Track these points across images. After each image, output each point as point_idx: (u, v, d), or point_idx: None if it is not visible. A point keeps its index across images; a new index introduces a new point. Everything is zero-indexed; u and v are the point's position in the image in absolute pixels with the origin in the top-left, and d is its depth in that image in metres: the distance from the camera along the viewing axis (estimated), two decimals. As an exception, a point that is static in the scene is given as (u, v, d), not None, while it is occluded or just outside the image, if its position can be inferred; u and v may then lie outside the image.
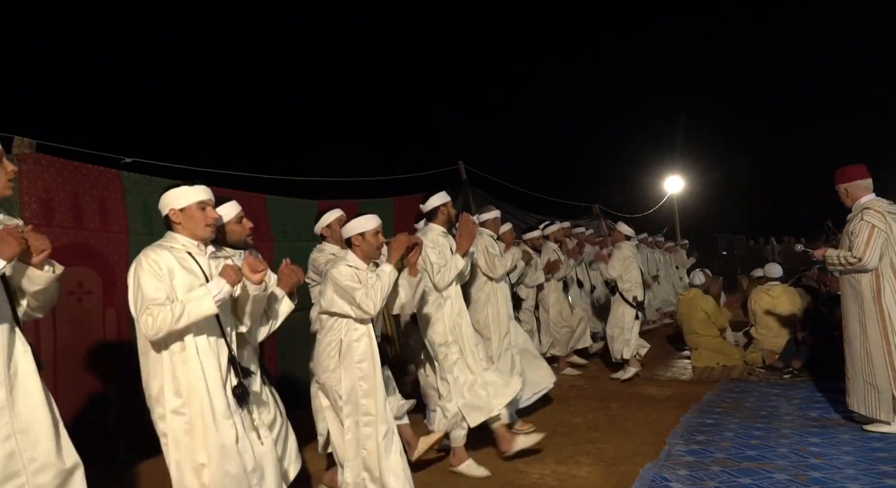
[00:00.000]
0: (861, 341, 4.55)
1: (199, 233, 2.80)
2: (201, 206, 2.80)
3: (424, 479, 4.09)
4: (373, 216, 3.64)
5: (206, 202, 2.82)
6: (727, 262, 19.79)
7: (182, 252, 2.75)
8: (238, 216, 3.21)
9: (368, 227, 3.58)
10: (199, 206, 2.79)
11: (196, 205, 2.79)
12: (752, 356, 7.39)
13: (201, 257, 2.79)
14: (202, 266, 2.76)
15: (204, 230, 2.80)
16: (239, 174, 6.32)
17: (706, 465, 4.01)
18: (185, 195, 2.79)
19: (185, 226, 2.79)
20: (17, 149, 4.03)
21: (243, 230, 3.22)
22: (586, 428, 5.09)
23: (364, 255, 3.59)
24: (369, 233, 3.58)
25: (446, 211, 4.53)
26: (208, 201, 2.83)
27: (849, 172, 4.71)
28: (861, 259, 4.42)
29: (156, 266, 2.66)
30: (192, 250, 2.78)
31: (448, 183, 9.07)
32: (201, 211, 2.79)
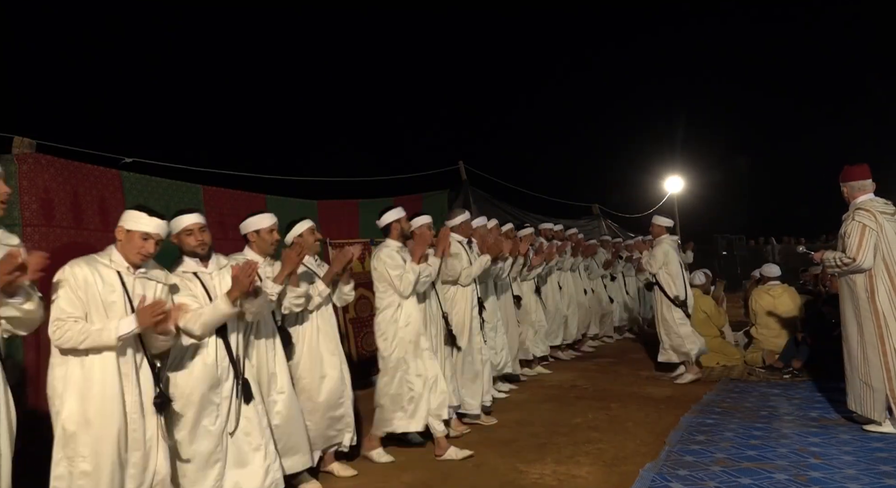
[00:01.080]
0: (857, 341, 4.55)
1: (131, 257, 3.03)
2: (144, 237, 3.02)
3: (425, 479, 4.09)
4: (269, 214, 3.92)
5: (153, 235, 3.04)
6: (727, 262, 19.79)
7: (111, 269, 2.99)
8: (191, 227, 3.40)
9: (263, 225, 3.86)
10: (142, 236, 3.02)
11: (141, 234, 3.02)
12: (752, 356, 7.39)
13: (128, 277, 3.02)
14: (126, 285, 2.99)
15: (135, 257, 3.03)
16: (239, 174, 6.32)
17: (706, 465, 4.01)
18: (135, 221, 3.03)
19: (123, 246, 3.04)
20: (17, 149, 4.03)
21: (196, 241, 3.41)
22: (586, 428, 5.09)
23: (260, 251, 3.87)
24: (264, 231, 3.86)
25: (399, 227, 4.71)
26: (155, 235, 3.04)
27: (849, 172, 4.71)
28: (855, 259, 4.42)
29: (73, 279, 2.87)
30: (121, 269, 3.01)
31: (448, 183, 9.08)
32: (142, 240, 3.02)
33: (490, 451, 4.57)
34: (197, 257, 3.41)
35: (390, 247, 4.63)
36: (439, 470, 4.23)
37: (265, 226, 3.87)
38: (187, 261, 3.41)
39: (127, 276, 3.01)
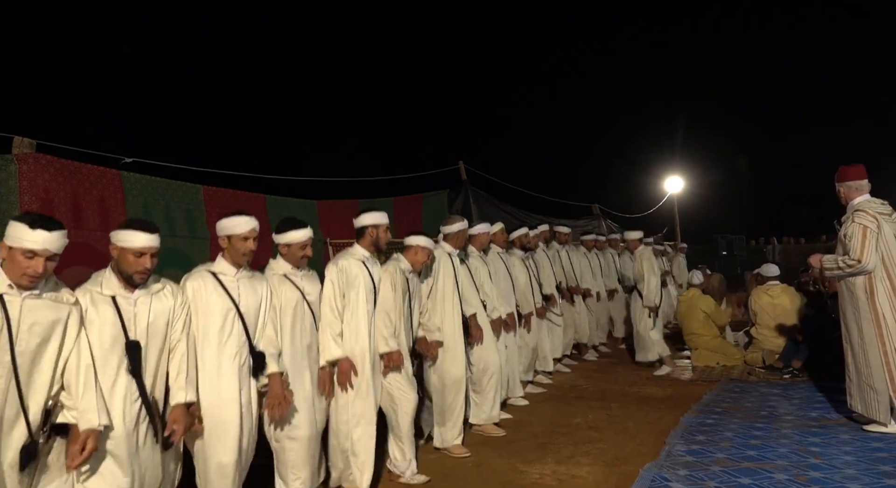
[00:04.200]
0: (858, 342, 4.55)
1: (14, 278, 2.53)
2: (28, 255, 2.51)
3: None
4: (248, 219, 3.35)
5: (40, 252, 2.53)
6: (727, 262, 19.79)
7: None
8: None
9: (238, 231, 3.30)
10: (25, 254, 2.51)
11: (24, 251, 2.51)
12: (752, 356, 7.39)
13: (13, 298, 2.52)
14: (6, 307, 2.50)
15: (20, 278, 2.53)
16: (239, 174, 6.32)
17: (706, 465, 4.01)
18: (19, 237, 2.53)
19: (6, 265, 2.55)
20: (17, 149, 4.04)
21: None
22: (586, 428, 5.09)
23: (232, 260, 3.34)
24: (236, 238, 3.30)
25: (375, 233, 4.06)
26: (42, 252, 2.53)
27: (845, 173, 4.71)
28: (860, 260, 4.42)
29: None
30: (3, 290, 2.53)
31: (448, 183, 9.08)
32: (27, 259, 2.52)
33: (490, 451, 4.57)
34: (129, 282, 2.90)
35: (354, 257, 4.00)
36: (439, 470, 4.22)
37: (239, 232, 3.29)
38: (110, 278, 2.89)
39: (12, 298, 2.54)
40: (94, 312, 2.77)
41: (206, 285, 3.22)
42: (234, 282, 3.29)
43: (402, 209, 7.69)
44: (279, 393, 3.32)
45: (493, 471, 4.16)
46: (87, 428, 2.59)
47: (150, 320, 2.90)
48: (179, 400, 2.95)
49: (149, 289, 2.94)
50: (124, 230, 2.86)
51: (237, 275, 3.31)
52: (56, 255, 2.60)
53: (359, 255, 4.02)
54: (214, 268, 3.31)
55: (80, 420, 2.61)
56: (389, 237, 4.18)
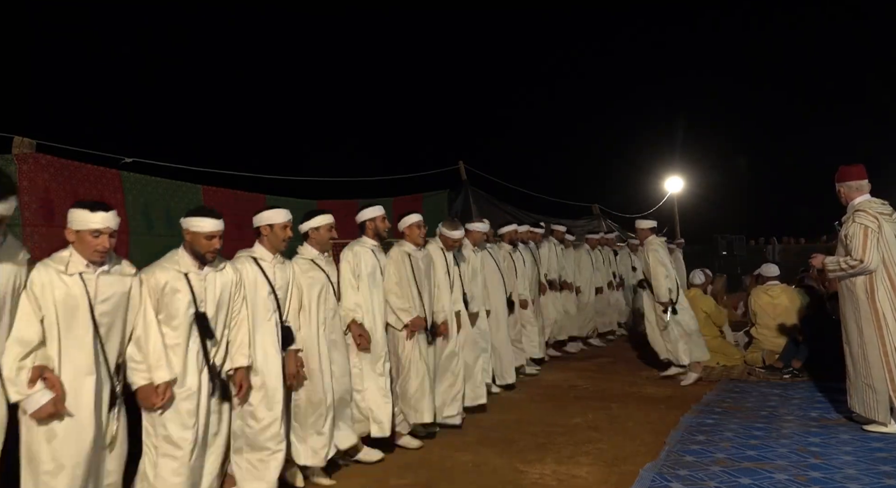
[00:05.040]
0: (858, 342, 4.55)
1: (87, 256, 2.94)
2: (95, 234, 2.91)
3: (425, 479, 4.09)
4: (285, 211, 3.90)
5: (103, 230, 2.93)
6: (727, 262, 19.78)
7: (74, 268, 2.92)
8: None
9: (278, 220, 3.84)
10: (92, 234, 2.91)
11: (90, 232, 2.91)
12: (752, 356, 7.39)
13: (90, 276, 2.94)
14: (86, 284, 2.92)
15: (92, 255, 2.93)
16: (239, 174, 6.33)
17: (706, 465, 4.01)
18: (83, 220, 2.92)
19: (77, 247, 2.95)
20: (17, 149, 4.04)
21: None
22: (586, 428, 5.09)
23: (270, 246, 3.85)
24: (278, 226, 3.84)
25: (373, 226, 4.66)
26: (105, 229, 2.94)
27: (845, 173, 4.71)
28: (862, 260, 4.42)
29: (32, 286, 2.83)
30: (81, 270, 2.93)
31: (448, 183, 9.09)
32: (94, 238, 2.92)
33: (490, 451, 4.57)
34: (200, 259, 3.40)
35: (364, 244, 4.62)
36: (439, 471, 4.22)
37: (279, 221, 3.84)
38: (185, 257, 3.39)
39: (88, 275, 2.96)
40: (172, 285, 3.25)
41: (249, 268, 3.71)
42: (271, 266, 3.79)
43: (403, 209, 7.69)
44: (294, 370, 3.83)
45: (493, 471, 4.16)
46: (162, 381, 3.12)
47: (216, 294, 3.41)
48: (242, 363, 3.50)
49: (215, 267, 3.44)
50: (195, 217, 3.37)
51: (273, 261, 3.82)
52: (115, 232, 2.99)
53: (368, 244, 4.62)
54: (255, 254, 3.80)
55: (153, 375, 3.11)
56: (388, 225, 4.74)
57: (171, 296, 3.24)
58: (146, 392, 3.11)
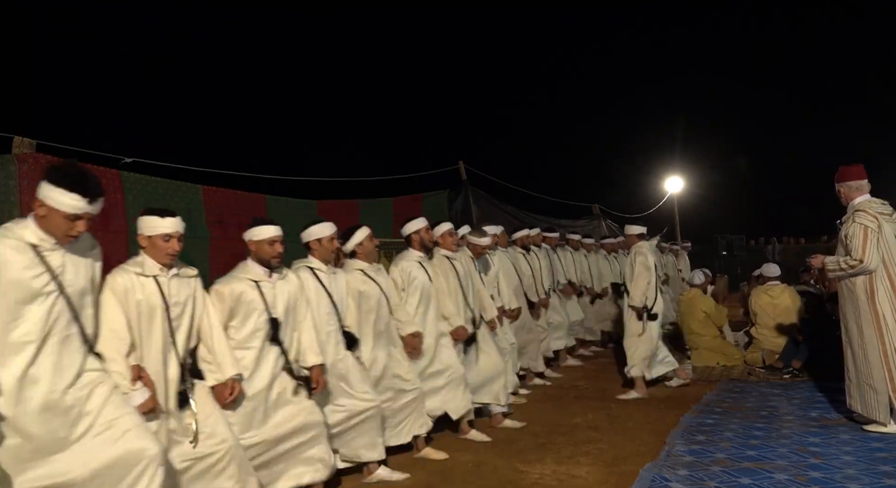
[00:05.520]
0: (858, 343, 4.55)
1: (160, 260, 3.12)
2: (165, 238, 3.09)
3: (425, 479, 4.09)
4: (329, 224, 4.15)
5: (173, 234, 3.12)
6: (727, 262, 19.78)
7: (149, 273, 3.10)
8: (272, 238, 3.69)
9: (325, 234, 4.08)
10: (163, 238, 3.09)
11: (161, 237, 3.09)
12: (752, 356, 7.39)
13: (163, 278, 3.12)
14: (161, 286, 3.10)
15: (164, 258, 3.11)
16: (239, 174, 6.32)
17: (706, 465, 4.01)
18: (153, 226, 3.10)
19: (149, 252, 3.12)
20: (17, 149, 4.03)
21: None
22: (586, 428, 5.09)
23: (321, 258, 4.09)
24: (325, 239, 4.07)
25: (419, 238, 4.89)
26: (174, 233, 3.12)
27: (845, 173, 4.71)
28: (862, 260, 4.42)
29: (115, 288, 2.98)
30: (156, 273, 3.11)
31: (448, 183, 9.08)
32: (164, 242, 3.10)
33: (490, 451, 4.57)
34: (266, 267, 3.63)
35: (408, 259, 4.83)
36: (439, 471, 4.23)
37: (326, 234, 4.08)
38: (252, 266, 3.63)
39: (162, 278, 3.12)
40: (246, 294, 3.49)
41: (309, 276, 3.97)
42: (327, 275, 4.06)
43: (402, 209, 7.68)
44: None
45: (493, 471, 4.16)
46: (229, 376, 3.26)
47: (285, 299, 3.64)
48: (316, 361, 3.69)
49: (281, 275, 3.70)
50: (256, 227, 3.63)
51: (328, 270, 4.09)
52: (182, 236, 3.16)
53: (415, 257, 4.85)
54: (311, 264, 4.06)
55: (221, 371, 3.26)
56: (432, 235, 5.01)
57: (246, 304, 3.49)
58: (219, 390, 3.26)
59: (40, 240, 2.62)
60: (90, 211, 2.68)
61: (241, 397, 3.37)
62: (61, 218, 2.62)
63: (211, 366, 3.27)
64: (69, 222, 2.63)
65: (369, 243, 4.43)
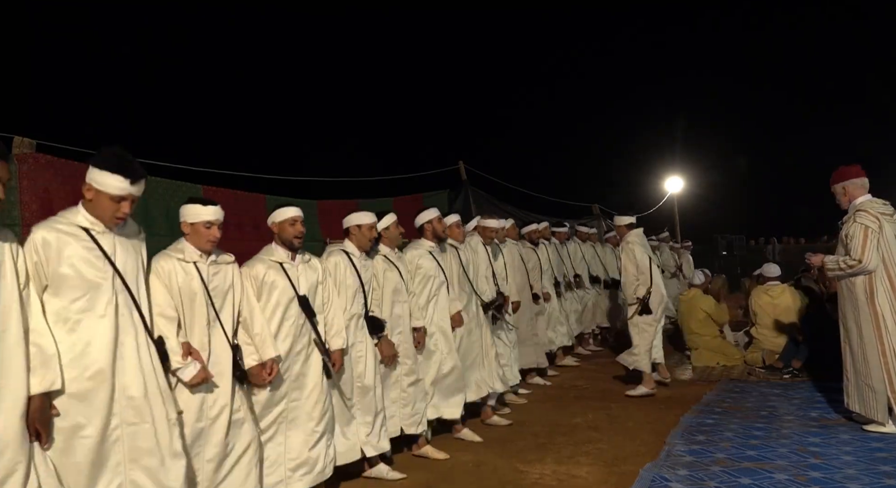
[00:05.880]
0: (857, 343, 4.55)
1: (201, 246, 3.25)
2: (207, 225, 3.23)
3: (425, 479, 4.09)
4: (370, 213, 4.32)
5: (214, 221, 3.26)
6: (727, 262, 19.78)
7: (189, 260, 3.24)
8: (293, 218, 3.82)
9: (364, 222, 4.26)
10: (205, 225, 3.23)
11: (203, 223, 3.23)
12: (752, 356, 7.39)
13: (202, 264, 3.25)
14: (201, 271, 3.23)
15: (205, 244, 3.25)
16: (239, 174, 6.32)
17: (706, 465, 4.01)
18: (196, 213, 3.25)
19: (191, 238, 3.27)
20: (17, 149, 4.03)
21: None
22: (586, 428, 5.09)
23: (358, 244, 4.26)
24: (365, 227, 4.25)
25: (431, 227, 4.98)
26: (215, 221, 3.27)
27: (846, 172, 4.71)
28: (861, 261, 4.41)
29: (160, 272, 3.11)
30: (196, 259, 3.25)
31: (448, 183, 9.08)
32: (206, 229, 3.24)
33: (490, 451, 4.57)
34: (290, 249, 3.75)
35: (422, 247, 4.92)
36: (439, 471, 4.23)
37: (367, 222, 4.26)
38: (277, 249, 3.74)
39: (201, 264, 3.24)
40: (270, 275, 3.61)
41: (342, 261, 4.12)
42: (360, 260, 4.23)
43: (402, 209, 7.68)
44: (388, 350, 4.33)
45: (493, 471, 4.16)
46: (269, 357, 3.40)
47: (308, 281, 3.76)
48: (339, 345, 3.86)
49: (304, 257, 3.81)
50: (277, 210, 3.79)
51: (361, 256, 4.25)
52: (222, 223, 3.30)
53: (426, 246, 4.93)
54: (346, 248, 4.22)
55: (261, 352, 3.39)
56: (446, 225, 5.10)
57: (270, 285, 3.60)
58: (257, 371, 3.37)
59: (91, 223, 2.76)
60: (133, 192, 2.81)
61: (278, 379, 3.51)
62: (108, 199, 2.75)
63: (249, 349, 3.38)
64: (115, 203, 2.76)
65: (395, 230, 4.56)
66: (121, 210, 2.79)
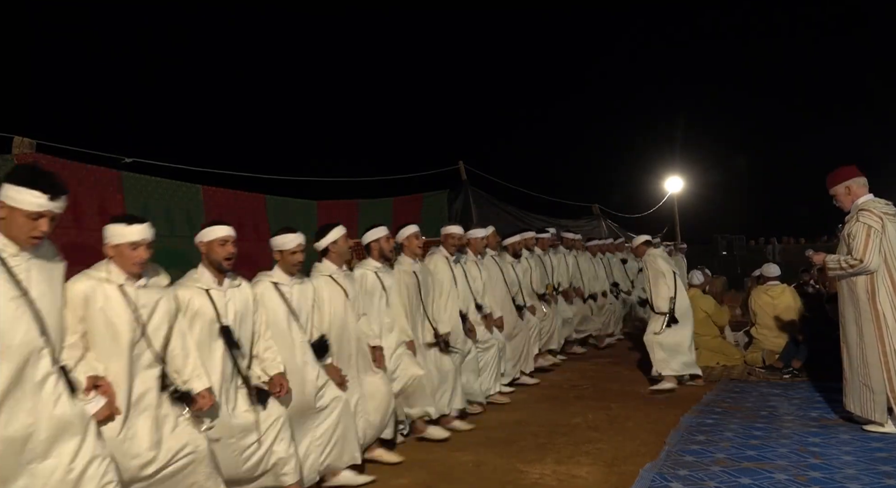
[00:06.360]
0: (857, 343, 4.55)
1: (127, 269, 2.99)
2: (133, 247, 2.96)
3: (425, 479, 4.09)
4: (295, 235, 3.98)
5: (140, 242, 2.98)
6: (727, 262, 19.78)
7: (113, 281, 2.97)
8: None
9: (287, 246, 3.94)
10: (130, 246, 2.96)
11: (128, 245, 2.96)
12: (752, 356, 7.38)
13: (129, 288, 2.99)
14: (128, 296, 2.96)
15: (132, 267, 2.98)
16: (239, 174, 6.32)
17: (706, 465, 4.01)
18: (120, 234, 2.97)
19: (116, 261, 2.98)
20: (17, 149, 4.04)
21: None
22: (586, 428, 5.09)
23: (285, 270, 3.96)
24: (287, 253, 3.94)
25: (378, 247, 4.69)
26: (142, 241, 2.99)
27: (846, 172, 4.71)
28: (862, 260, 4.41)
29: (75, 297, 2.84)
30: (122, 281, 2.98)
31: (448, 183, 9.09)
32: (132, 250, 2.97)
33: (490, 451, 4.57)
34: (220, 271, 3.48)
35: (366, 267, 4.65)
36: (439, 471, 4.22)
37: (289, 247, 3.93)
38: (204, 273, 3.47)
39: (129, 288, 2.98)
40: (196, 303, 3.34)
41: (267, 291, 3.81)
42: (289, 287, 3.90)
43: (402, 209, 7.69)
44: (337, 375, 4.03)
45: (493, 471, 4.16)
46: (203, 388, 3.14)
47: (237, 308, 3.49)
48: (279, 370, 3.59)
49: (233, 284, 3.54)
50: (207, 228, 3.49)
51: (291, 281, 3.93)
52: (151, 243, 3.03)
53: (371, 266, 4.63)
54: (273, 278, 3.89)
55: (192, 384, 3.12)
56: (392, 244, 4.78)
57: (194, 312, 3.32)
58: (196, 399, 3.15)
59: (3, 245, 2.51)
60: (52, 209, 2.57)
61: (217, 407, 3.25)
62: (23, 217, 2.51)
63: (183, 379, 3.14)
64: (31, 222, 2.52)
65: (344, 244, 4.31)
66: (38, 229, 2.53)
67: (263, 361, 3.61)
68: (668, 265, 6.67)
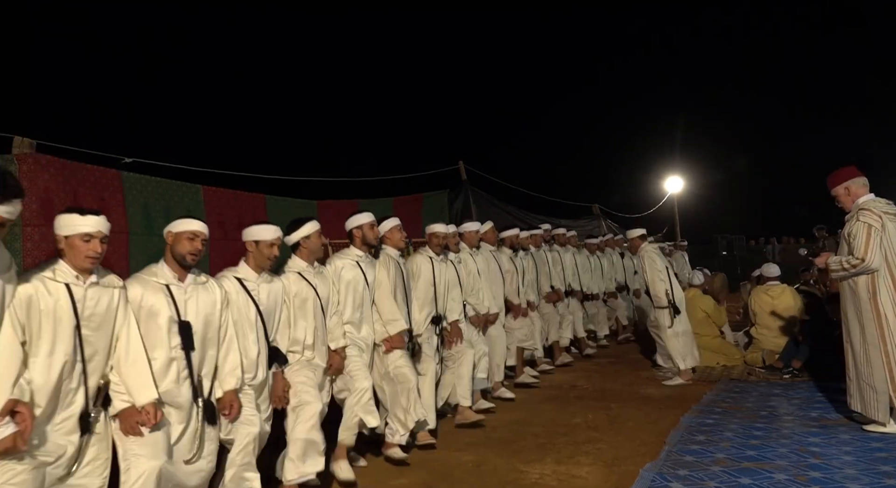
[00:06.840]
0: (859, 342, 4.55)
1: (77, 264, 2.78)
2: (85, 238, 2.77)
3: (424, 480, 4.09)
4: (274, 228, 3.77)
5: (94, 234, 2.79)
6: (727, 262, 19.79)
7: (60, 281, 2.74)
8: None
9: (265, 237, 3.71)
10: (83, 238, 2.77)
11: (80, 236, 2.76)
12: (752, 356, 7.39)
13: (77, 287, 2.77)
14: (73, 295, 2.74)
15: (83, 261, 2.77)
16: (239, 174, 6.31)
17: (706, 465, 4.01)
18: (72, 224, 2.77)
19: (66, 255, 2.78)
20: (17, 149, 4.02)
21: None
22: (586, 428, 5.09)
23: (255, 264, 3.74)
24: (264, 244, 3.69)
25: (361, 234, 4.50)
26: (96, 233, 2.80)
27: (845, 172, 4.72)
28: (864, 260, 4.41)
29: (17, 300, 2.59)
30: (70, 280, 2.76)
31: (448, 183, 9.09)
32: (84, 242, 2.76)
33: (490, 451, 4.57)
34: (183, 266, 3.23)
35: (348, 257, 4.45)
36: (439, 471, 4.22)
37: (267, 238, 3.67)
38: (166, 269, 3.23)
39: (76, 287, 2.77)
40: (149, 299, 3.08)
41: (232, 287, 3.56)
42: (256, 285, 3.66)
43: (402, 209, 7.68)
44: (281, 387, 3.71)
45: (493, 471, 4.16)
46: (149, 401, 2.88)
47: (198, 307, 3.23)
48: (232, 386, 3.31)
49: (197, 278, 3.29)
50: (180, 220, 3.26)
51: (259, 279, 3.68)
52: (106, 237, 2.84)
53: (353, 255, 4.46)
54: (238, 274, 3.64)
55: (137, 396, 2.87)
56: (377, 233, 4.62)
57: (148, 310, 3.07)
58: (128, 415, 2.86)
59: None
60: (2, 212, 2.43)
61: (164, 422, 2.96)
62: None
63: (119, 389, 2.88)
64: None
65: (317, 240, 4.09)
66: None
67: (220, 372, 3.32)
68: (661, 260, 7.05)
